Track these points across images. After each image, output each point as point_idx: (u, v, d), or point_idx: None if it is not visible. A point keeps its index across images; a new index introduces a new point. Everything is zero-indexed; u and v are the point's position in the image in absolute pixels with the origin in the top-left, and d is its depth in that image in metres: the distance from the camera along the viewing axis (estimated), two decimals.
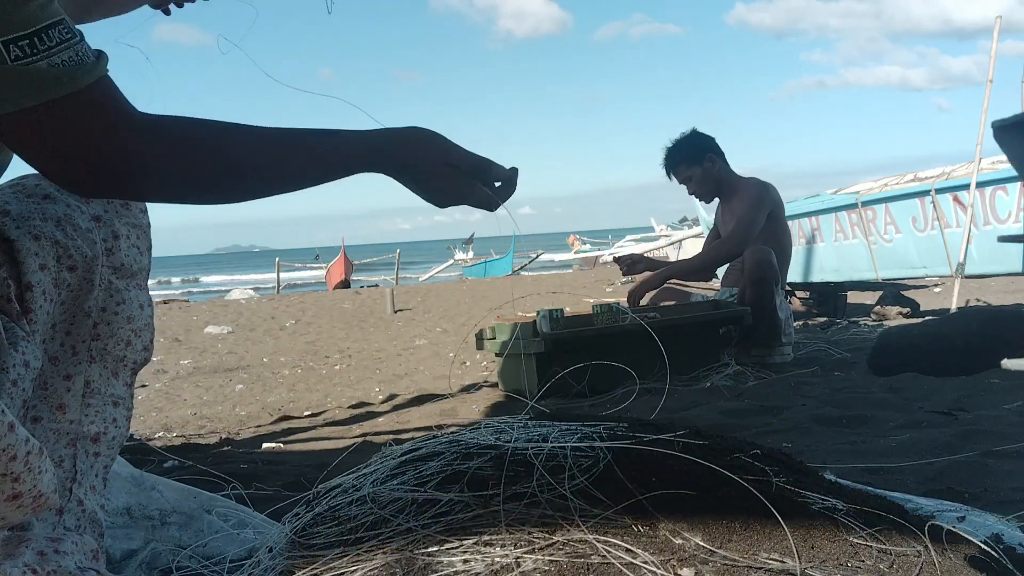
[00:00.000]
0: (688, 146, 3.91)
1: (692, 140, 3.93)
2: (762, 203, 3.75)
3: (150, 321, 1.04)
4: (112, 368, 0.99)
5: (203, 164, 0.91)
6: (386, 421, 2.94)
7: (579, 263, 23.41)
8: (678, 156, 3.92)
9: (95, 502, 0.97)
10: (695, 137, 3.94)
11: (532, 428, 1.12)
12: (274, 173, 0.96)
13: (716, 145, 3.92)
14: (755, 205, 3.74)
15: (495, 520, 0.93)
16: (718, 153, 3.89)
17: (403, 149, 1.04)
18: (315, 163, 1.00)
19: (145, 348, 1.03)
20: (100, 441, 0.97)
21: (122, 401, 1.00)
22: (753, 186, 3.85)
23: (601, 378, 3.06)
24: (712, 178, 3.88)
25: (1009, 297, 6.48)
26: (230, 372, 4.90)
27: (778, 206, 3.86)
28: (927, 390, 2.58)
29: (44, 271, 0.91)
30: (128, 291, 0.99)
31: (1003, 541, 1.04)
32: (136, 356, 1.02)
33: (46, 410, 0.92)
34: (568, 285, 12.02)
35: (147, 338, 1.03)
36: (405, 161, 1.04)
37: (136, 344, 1.01)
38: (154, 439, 2.86)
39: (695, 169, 3.88)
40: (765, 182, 3.89)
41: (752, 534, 0.91)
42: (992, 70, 5.38)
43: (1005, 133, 3.29)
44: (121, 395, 1.00)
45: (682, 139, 3.94)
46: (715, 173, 3.87)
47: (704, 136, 3.95)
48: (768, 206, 3.77)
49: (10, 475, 0.74)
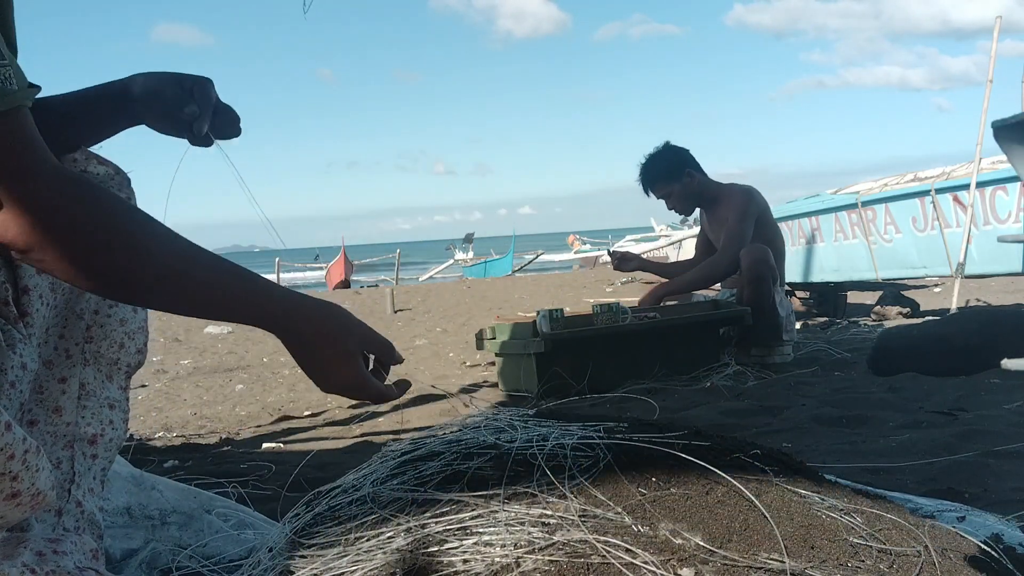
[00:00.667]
0: (665, 162, 3.82)
1: (668, 156, 3.84)
2: (747, 212, 3.70)
3: (144, 324, 1.04)
4: (106, 371, 0.99)
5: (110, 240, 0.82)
6: (386, 421, 2.94)
7: (579, 263, 23.40)
8: (655, 174, 3.84)
9: (93, 504, 0.97)
10: (670, 152, 3.85)
11: (532, 428, 1.12)
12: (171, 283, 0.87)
13: (692, 158, 3.85)
14: (742, 217, 3.68)
15: (495, 520, 0.93)
16: (695, 166, 3.83)
17: (310, 327, 0.95)
18: (218, 299, 0.90)
19: (139, 351, 1.03)
20: (97, 443, 0.97)
21: (118, 404, 1.00)
22: (737, 194, 3.77)
23: (601, 378, 3.06)
24: (692, 192, 3.82)
25: (1009, 297, 6.48)
26: (230, 372, 4.90)
27: (764, 209, 3.81)
28: (927, 390, 2.58)
29: (41, 275, 0.91)
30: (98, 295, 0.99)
31: (1003, 541, 1.05)
32: (130, 359, 1.02)
33: (42, 413, 0.93)
34: (568, 285, 12.02)
35: (141, 341, 1.03)
36: (310, 341, 0.95)
37: (130, 347, 1.01)
38: (154, 439, 2.86)
39: (674, 186, 3.81)
40: (747, 187, 3.83)
41: (752, 534, 0.91)
42: (992, 70, 5.38)
43: (1005, 133, 3.29)
44: (116, 398, 1.00)
45: (657, 155, 3.85)
46: (694, 187, 3.81)
47: (679, 150, 3.87)
48: (754, 213, 3.72)
49: (8, 474, 0.74)
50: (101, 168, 1.04)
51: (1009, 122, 3.24)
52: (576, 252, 26.34)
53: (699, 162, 3.87)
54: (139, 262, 0.84)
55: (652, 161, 3.85)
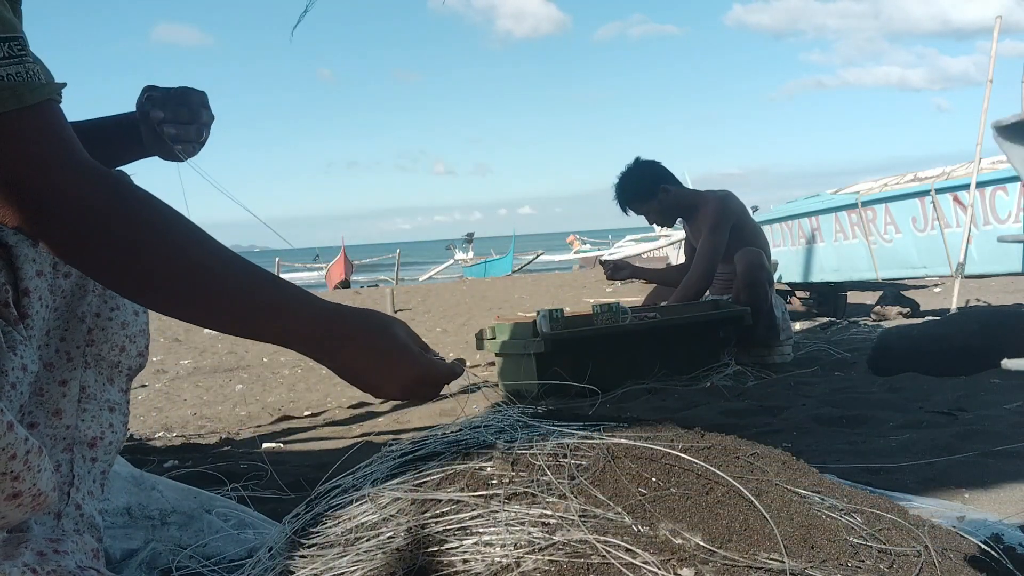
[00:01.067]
0: (638, 180, 3.82)
1: (640, 173, 3.83)
2: (719, 223, 3.69)
3: (145, 327, 1.03)
4: (107, 374, 0.99)
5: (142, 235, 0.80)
6: (386, 421, 2.94)
7: (579, 263, 23.41)
8: (630, 194, 3.84)
9: (93, 507, 0.97)
10: (642, 168, 3.84)
11: (532, 428, 1.12)
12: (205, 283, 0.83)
13: (664, 171, 3.84)
14: (714, 228, 3.68)
15: (495, 520, 0.93)
16: (668, 179, 3.82)
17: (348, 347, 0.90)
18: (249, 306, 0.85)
19: (140, 354, 1.02)
20: (97, 446, 0.97)
21: (118, 407, 1.00)
22: (711, 203, 3.76)
23: (601, 378, 3.06)
24: (668, 206, 3.82)
25: (1009, 297, 6.48)
26: (230, 372, 4.90)
27: (741, 214, 3.80)
28: (927, 390, 2.58)
29: (41, 277, 0.91)
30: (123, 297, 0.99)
31: (1003, 541, 1.05)
32: (131, 362, 1.01)
33: (42, 415, 0.93)
34: (568, 285, 12.02)
35: (142, 344, 1.03)
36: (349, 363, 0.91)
37: (131, 350, 1.01)
38: (154, 439, 2.86)
39: (651, 203, 3.81)
40: (723, 194, 3.81)
41: (752, 534, 0.91)
42: (992, 70, 5.38)
43: (1005, 133, 3.29)
44: (117, 400, 1.00)
45: (629, 174, 3.84)
46: (670, 201, 3.80)
47: (650, 165, 3.86)
48: (729, 220, 3.71)
49: (10, 474, 0.74)
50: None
51: (1009, 122, 3.24)
52: (576, 252, 26.34)
53: (672, 172, 3.86)
54: (171, 258, 0.82)
55: (625, 181, 3.83)
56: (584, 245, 28.15)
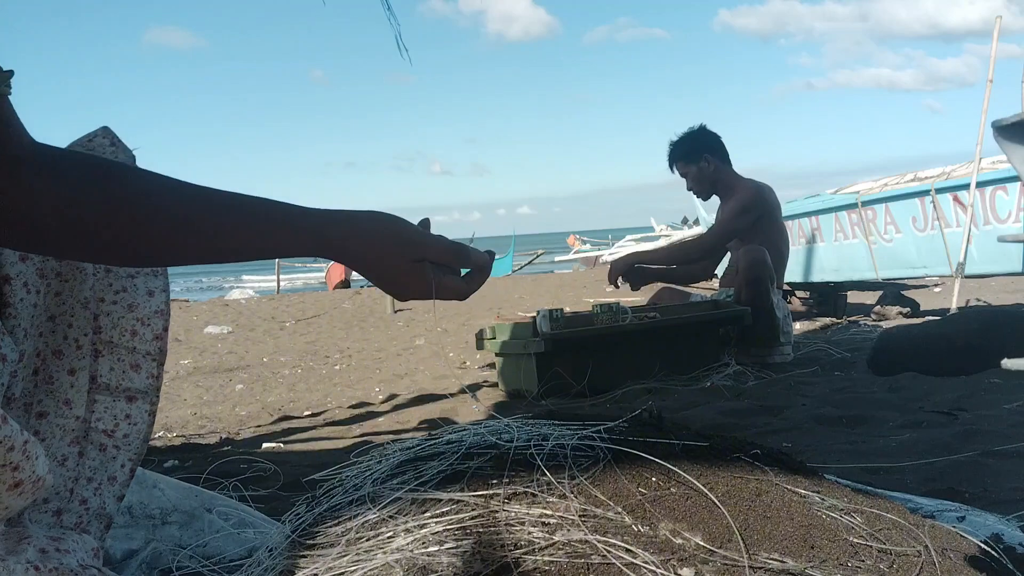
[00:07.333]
0: (689, 142, 3.92)
1: (695, 136, 3.94)
2: (745, 210, 3.74)
3: (162, 308, 0.97)
4: (130, 360, 0.94)
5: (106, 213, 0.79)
6: (386, 421, 2.94)
7: (579, 263, 23.40)
8: (678, 151, 3.95)
9: (105, 497, 0.94)
10: (699, 134, 3.94)
11: (532, 428, 1.12)
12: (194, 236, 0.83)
13: (718, 144, 3.92)
14: (737, 212, 3.74)
15: (495, 520, 0.93)
16: (717, 152, 3.89)
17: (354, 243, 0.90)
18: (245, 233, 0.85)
19: (157, 337, 0.96)
20: (112, 438, 0.94)
21: (141, 395, 0.95)
22: (744, 190, 3.82)
23: (601, 378, 3.06)
24: (707, 178, 3.89)
25: (1009, 297, 6.48)
26: (230, 372, 4.90)
27: (772, 208, 3.84)
28: (927, 390, 2.58)
29: (26, 261, 0.88)
30: (132, 278, 0.95)
31: (1003, 541, 1.05)
32: (148, 347, 0.96)
33: (52, 405, 0.91)
34: (568, 285, 12.01)
35: (158, 326, 0.96)
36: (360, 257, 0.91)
37: (145, 334, 0.95)
38: (154, 439, 2.86)
39: (691, 167, 3.90)
40: (760, 185, 3.87)
41: (752, 534, 0.91)
42: (992, 70, 5.38)
43: (1005, 133, 3.30)
44: (141, 388, 0.95)
45: (686, 134, 3.95)
46: (710, 173, 3.87)
47: (708, 134, 3.94)
48: (756, 211, 3.75)
49: (10, 464, 0.73)
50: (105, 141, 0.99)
51: (1009, 122, 3.24)
52: (576, 252, 26.34)
53: (727, 150, 3.93)
54: (147, 221, 0.81)
55: (679, 139, 3.96)
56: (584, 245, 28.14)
